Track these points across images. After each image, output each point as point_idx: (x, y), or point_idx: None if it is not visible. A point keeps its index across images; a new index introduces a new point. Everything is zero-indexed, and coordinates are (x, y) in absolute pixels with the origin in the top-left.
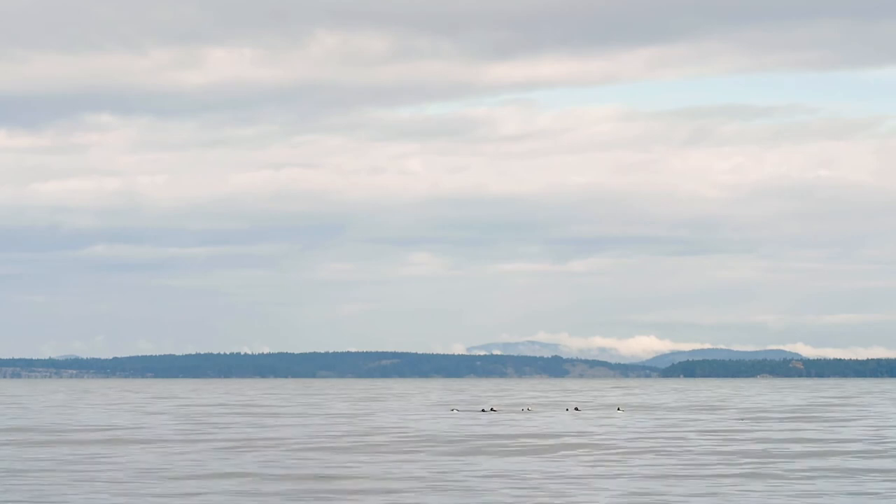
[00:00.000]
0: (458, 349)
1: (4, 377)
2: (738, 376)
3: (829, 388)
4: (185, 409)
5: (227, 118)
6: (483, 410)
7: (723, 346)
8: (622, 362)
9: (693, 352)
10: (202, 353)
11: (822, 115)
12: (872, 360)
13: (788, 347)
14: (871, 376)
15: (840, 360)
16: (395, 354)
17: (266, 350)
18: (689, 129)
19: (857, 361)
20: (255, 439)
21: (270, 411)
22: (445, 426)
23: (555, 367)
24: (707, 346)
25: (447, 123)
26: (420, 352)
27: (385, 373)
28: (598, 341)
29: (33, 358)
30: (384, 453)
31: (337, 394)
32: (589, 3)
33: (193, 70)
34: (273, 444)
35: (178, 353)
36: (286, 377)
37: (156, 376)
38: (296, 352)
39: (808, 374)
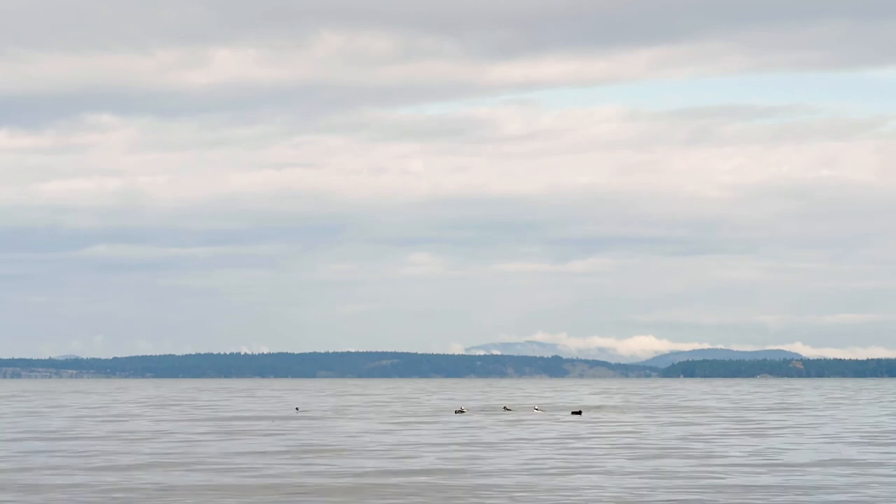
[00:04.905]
0: (458, 349)
1: (4, 377)
2: (738, 376)
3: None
4: None
5: (229, 118)
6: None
7: (722, 346)
8: (622, 362)
9: (693, 352)
10: (202, 353)
11: (823, 116)
12: (872, 360)
13: (788, 347)
14: (870, 376)
15: (840, 360)
16: (395, 354)
17: (266, 350)
18: (691, 130)
19: (856, 361)
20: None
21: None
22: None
23: (555, 366)
24: (707, 346)
25: (448, 123)
26: (420, 352)
27: (385, 373)
28: (597, 341)
29: (33, 358)
30: None
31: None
32: (591, 3)
33: (197, 70)
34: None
35: (178, 353)
36: (286, 377)
37: (156, 376)
38: (296, 352)
39: (808, 374)
